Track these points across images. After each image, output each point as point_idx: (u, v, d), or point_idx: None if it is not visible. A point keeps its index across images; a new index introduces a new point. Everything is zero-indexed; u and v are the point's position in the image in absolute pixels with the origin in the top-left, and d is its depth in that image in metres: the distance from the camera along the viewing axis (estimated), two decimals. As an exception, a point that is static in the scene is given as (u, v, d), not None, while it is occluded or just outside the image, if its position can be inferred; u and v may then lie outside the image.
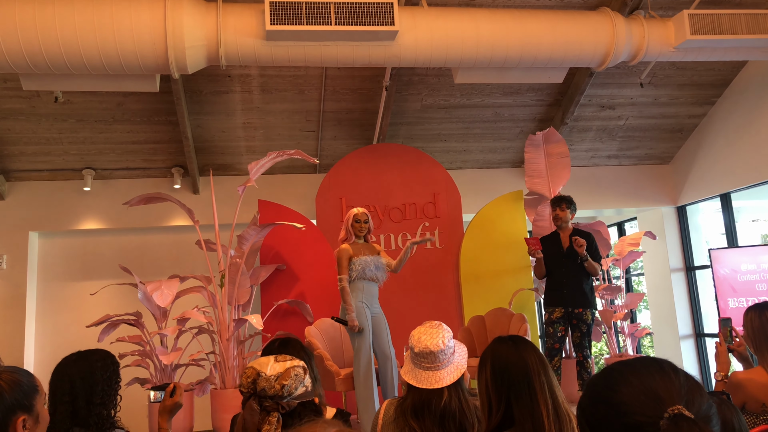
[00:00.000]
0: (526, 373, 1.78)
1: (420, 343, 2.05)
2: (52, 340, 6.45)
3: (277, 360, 1.64)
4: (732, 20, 4.73)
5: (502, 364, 1.82)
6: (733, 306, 5.78)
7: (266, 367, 1.61)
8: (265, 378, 1.58)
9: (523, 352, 1.84)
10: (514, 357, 1.82)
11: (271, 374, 1.59)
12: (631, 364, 1.00)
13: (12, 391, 1.58)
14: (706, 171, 6.87)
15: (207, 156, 6.54)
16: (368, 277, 4.55)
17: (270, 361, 1.63)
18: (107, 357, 2.31)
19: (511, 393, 1.77)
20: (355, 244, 4.65)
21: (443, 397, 1.99)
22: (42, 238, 6.70)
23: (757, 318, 2.60)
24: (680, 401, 0.90)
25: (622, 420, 0.92)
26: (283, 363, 1.63)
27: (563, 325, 4.94)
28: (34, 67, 4.10)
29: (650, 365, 0.98)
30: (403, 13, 4.38)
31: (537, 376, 1.78)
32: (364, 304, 4.53)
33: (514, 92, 6.29)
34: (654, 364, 0.98)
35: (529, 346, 1.87)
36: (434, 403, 1.98)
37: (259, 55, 4.31)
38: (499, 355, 1.85)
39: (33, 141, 6.09)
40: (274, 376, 1.59)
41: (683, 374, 0.97)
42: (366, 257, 4.56)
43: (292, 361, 1.65)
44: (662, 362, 0.99)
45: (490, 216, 6.39)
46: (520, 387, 1.77)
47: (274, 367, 1.62)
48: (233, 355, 5.14)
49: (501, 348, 1.88)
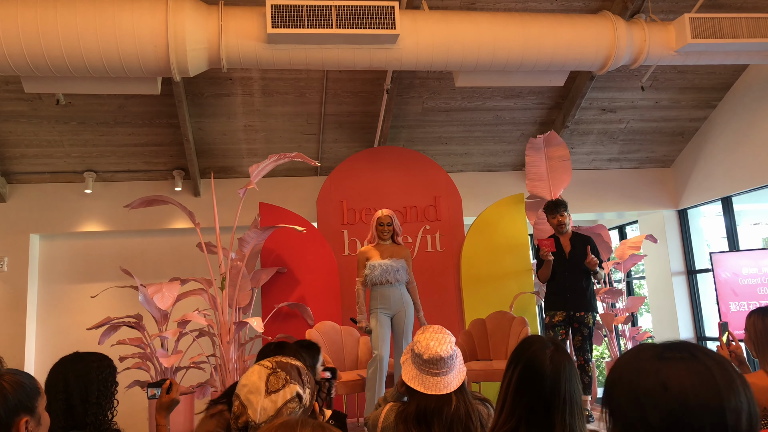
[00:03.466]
0: (550, 400, 1.63)
1: (429, 350, 2.03)
2: (53, 343, 6.45)
3: (268, 392, 1.47)
4: (733, 24, 4.73)
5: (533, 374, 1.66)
6: (735, 310, 5.77)
7: (255, 409, 1.45)
8: (255, 426, 1.44)
9: (561, 373, 1.66)
10: (550, 373, 1.65)
11: (261, 421, 1.43)
12: (681, 376, 0.85)
13: (15, 393, 1.59)
14: (707, 174, 6.87)
15: (208, 159, 6.54)
16: (378, 282, 4.55)
17: (260, 395, 1.47)
18: (104, 359, 2.31)
19: (528, 411, 1.64)
20: (380, 246, 4.69)
21: (453, 403, 1.98)
22: (43, 241, 6.70)
23: (760, 321, 2.60)
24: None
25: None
26: (275, 397, 1.46)
27: (564, 328, 4.93)
28: (36, 70, 4.10)
29: (705, 382, 0.84)
30: (404, 16, 4.39)
31: (561, 411, 1.62)
32: (379, 310, 4.54)
33: (515, 95, 6.30)
34: (709, 379, 0.84)
35: (568, 367, 1.69)
36: (445, 410, 1.97)
37: (261, 58, 4.32)
38: (534, 364, 1.68)
39: (34, 143, 6.10)
40: (266, 422, 1.43)
41: (744, 390, 0.85)
42: (377, 261, 4.56)
43: (286, 388, 1.48)
44: (714, 370, 0.85)
45: (491, 219, 6.38)
46: (537, 408, 1.64)
47: (265, 406, 1.45)
48: (234, 358, 5.13)
49: (540, 357, 1.69)
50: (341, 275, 6.02)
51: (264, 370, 1.52)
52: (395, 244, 4.75)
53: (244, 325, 5.12)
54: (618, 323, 6.42)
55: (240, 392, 1.50)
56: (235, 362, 5.15)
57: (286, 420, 0.98)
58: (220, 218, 5.51)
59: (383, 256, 4.61)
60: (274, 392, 1.47)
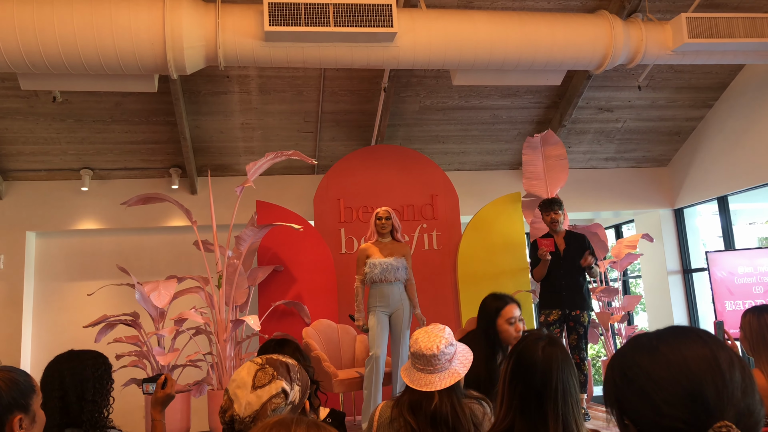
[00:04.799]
0: (542, 391, 1.65)
1: (416, 344, 2.07)
2: (49, 341, 6.44)
3: (255, 387, 1.50)
4: (729, 24, 4.75)
5: (525, 365, 1.69)
6: (730, 309, 5.79)
7: (241, 403, 1.48)
8: (240, 420, 1.47)
9: (552, 363, 1.67)
10: (541, 364, 1.67)
11: (245, 415, 1.47)
12: (683, 351, 0.87)
13: (9, 390, 1.58)
14: (703, 174, 6.89)
15: (205, 156, 6.53)
16: (377, 280, 4.56)
17: (246, 389, 1.50)
18: (99, 357, 2.32)
19: (522, 402, 1.66)
20: (379, 243, 4.68)
21: (433, 400, 1.98)
22: (39, 238, 6.68)
23: (755, 320, 2.61)
24: (731, 412, 0.81)
25: (659, 420, 0.84)
26: (261, 392, 1.49)
27: (559, 327, 4.94)
28: (33, 67, 4.09)
29: (704, 356, 0.85)
30: (401, 14, 4.39)
31: (553, 401, 1.63)
32: (377, 308, 4.54)
33: (512, 94, 6.31)
34: (708, 354, 0.85)
35: (561, 358, 1.70)
36: (425, 405, 1.99)
37: (258, 55, 4.31)
38: (525, 356, 1.71)
39: (31, 141, 6.09)
40: (250, 416, 1.47)
41: (740, 369, 0.85)
42: (377, 259, 4.57)
43: (271, 384, 1.50)
44: (718, 353, 0.86)
45: (487, 218, 6.39)
46: (529, 399, 1.65)
47: (250, 401, 1.48)
48: (230, 356, 5.13)
49: (532, 348, 1.72)
50: (338, 273, 6.02)
51: (253, 366, 1.55)
52: (395, 241, 4.75)
53: (241, 323, 5.12)
54: (614, 322, 6.44)
55: (229, 387, 1.54)
56: (232, 360, 5.15)
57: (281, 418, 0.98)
58: (217, 216, 5.51)
59: (383, 254, 4.61)
60: (260, 387, 1.49)
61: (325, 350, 5.05)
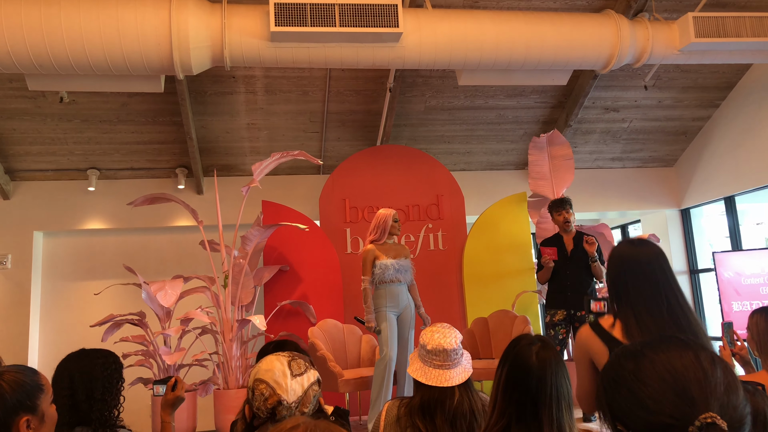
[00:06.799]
0: (537, 397, 1.65)
1: (433, 341, 2.07)
2: (56, 340, 6.46)
3: (294, 375, 1.54)
4: (737, 23, 4.72)
5: (520, 372, 1.68)
6: (737, 309, 5.77)
7: (286, 389, 1.52)
8: (287, 407, 1.51)
9: (546, 369, 1.67)
10: (536, 370, 1.67)
11: (292, 401, 1.52)
12: (665, 352, 0.92)
13: (14, 392, 1.57)
14: (710, 174, 6.86)
15: (211, 156, 6.55)
16: (389, 280, 4.58)
17: (287, 378, 1.53)
18: (109, 356, 2.33)
19: (518, 408, 1.66)
20: (385, 245, 4.70)
21: (455, 397, 2.00)
22: (46, 238, 6.72)
23: (762, 321, 2.60)
24: (715, 405, 0.85)
25: (648, 418, 0.87)
26: (301, 379, 1.54)
27: (565, 327, 4.93)
28: (40, 68, 4.11)
29: (686, 356, 0.90)
30: (407, 14, 4.39)
31: (548, 407, 1.64)
32: (387, 309, 4.56)
33: (518, 94, 6.29)
34: (691, 354, 0.90)
35: (554, 362, 1.70)
36: (447, 403, 1.99)
37: (264, 56, 4.32)
38: (520, 361, 1.70)
39: (38, 141, 6.12)
40: (296, 402, 1.52)
41: (721, 368, 0.89)
42: (388, 260, 4.60)
43: (308, 372, 1.56)
44: (700, 352, 0.91)
45: (493, 218, 6.38)
46: (525, 406, 1.66)
47: (294, 388, 1.53)
48: (236, 356, 5.14)
49: (526, 353, 1.71)
50: (344, 273, 6.03)
51: (282, 358, 1.59)
52: (396, 243, 4.81)
53: (247, 322, 5.13)
54: (620, 322, 6.41)
55: (264, 377, 1.55)
56: (238, 360, 5.16)
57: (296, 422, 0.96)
58: (223, 216, 5.52)
59: (389, 255, 4.65)
60: (299, 375, 1.55)
61: (330, 350, 5.06)
